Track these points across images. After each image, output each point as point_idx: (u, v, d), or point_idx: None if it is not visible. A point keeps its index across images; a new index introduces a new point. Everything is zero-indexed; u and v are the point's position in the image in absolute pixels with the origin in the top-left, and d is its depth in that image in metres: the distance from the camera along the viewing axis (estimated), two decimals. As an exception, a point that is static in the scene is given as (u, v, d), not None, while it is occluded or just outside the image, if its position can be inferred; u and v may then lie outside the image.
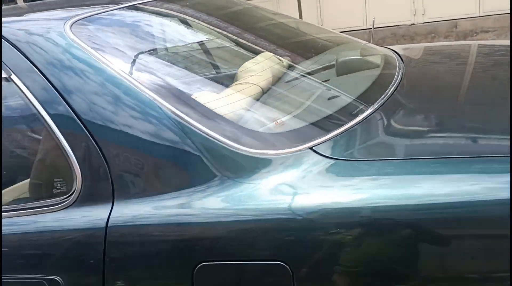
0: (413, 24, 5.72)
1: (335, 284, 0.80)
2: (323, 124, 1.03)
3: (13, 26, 1.05)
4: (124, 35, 1.18)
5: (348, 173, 0.85)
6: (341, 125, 0.98)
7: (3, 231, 0.93)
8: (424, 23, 5.67)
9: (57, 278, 0.89)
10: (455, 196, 0.76)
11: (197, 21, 1.44)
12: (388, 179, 0.82)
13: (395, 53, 1.57)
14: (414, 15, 5.68)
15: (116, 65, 0.97)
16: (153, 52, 1.20)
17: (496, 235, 0.77)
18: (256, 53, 1.39)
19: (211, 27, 1.52)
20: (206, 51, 1.49)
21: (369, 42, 1.83)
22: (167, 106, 0.91)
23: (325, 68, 1.41)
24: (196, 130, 0.89)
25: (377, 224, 0.78)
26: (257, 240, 0.82)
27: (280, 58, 1.39)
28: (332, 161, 0.86)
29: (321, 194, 0.82)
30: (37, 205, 0.96)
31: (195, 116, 0.92)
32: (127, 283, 0.88)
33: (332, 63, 1.42)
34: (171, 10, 1.42)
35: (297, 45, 1.64)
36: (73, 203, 0.91)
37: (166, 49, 1.28)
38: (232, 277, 0.84)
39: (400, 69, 1.34)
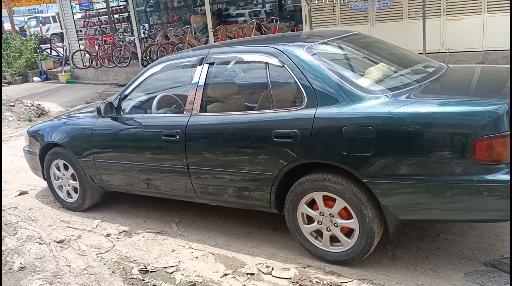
0: (524, 49, 6.69)
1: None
2: (394, 88, 2.68)
3: (287, 47, 2.93)
4: (321, 52, 2.97)
5: (394, 103, 2.50)
6: (400, 89, 2.65)
7: (272, 116, 2.80)
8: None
9: (295, 130, 2.71)
10: (437, 113, 2.38)
11: (349, 47, 3.21)
12: (407, 104, 2.47)
13: (447, 66, 3.15)
14: (527, 41, 6.65)
15: (317, 62, 2.78)
16: (331, 58, 3.00)
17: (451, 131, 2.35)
18: (377, 63, 3.09)
19: (358, 50, 3.28)
20: (355, 60, 3.21)
21: (446, 63, 3.39)
22: (334, 77, 2.68)
23: (407, 71, 3.06)
24: (342, 85, 2.64)
25: (400, 121, 2.43)
26: (360, 119, 2.52)
27: (390, 66, 3.06)
28: (391, 99, 2.53)
29: (382, 107, 2.49)
30: (289, 109, 2.79)
31: (344, 82, 2.67)
32: (318, 147, 2.64)
33: (410, 68, 3.07)
34: (339, 43, 3.21)
35: (397, 60, 3.30)
36: (302, 108, 2.73)
37: (336, 59, 3.07)
38: (350, 132, 2.55)
39: (440, 73, 2.94)
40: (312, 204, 2.87)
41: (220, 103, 3.29)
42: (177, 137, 3.21)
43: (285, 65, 2.85)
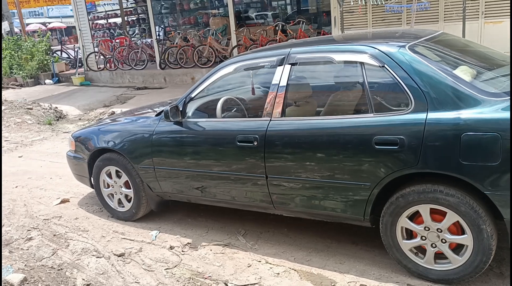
0: None
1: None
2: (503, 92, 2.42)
3: (387, 47, 2.68)
4: (423, 51, 2.70)
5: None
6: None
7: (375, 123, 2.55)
8: None
9: (402, 136, 2.47)
10: None
11: (444, 47, 2.97)
12: None
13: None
14: None
15: (426, 62, 2.54)
16: (435, 58, 2.73)
17: None
18: (472, 64, 2.81)
19: (452, 51, 3.03)
20: (455, 61, 2.91)
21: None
22: (447, 79, 2.43)
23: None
24: (458, 87, 2.39)
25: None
26: (485, 125, 2.27)
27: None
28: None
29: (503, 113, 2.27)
30: (391, 113, 2.55)
31: (459, 83, 2.42)
32: (431, 155, 2.39)
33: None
34: (431, 43, 2.94)
35: (495, 61, 3.05)
36: (409, 112, 2.49)
37: (439, 59, 2.79)
38: (471, 139, 2.31)
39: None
40: (413, 217, 2.63)
41: (304, 107, 3.05)
42: (255, 143, 2.96)
43: (385, 66, 2.61)
